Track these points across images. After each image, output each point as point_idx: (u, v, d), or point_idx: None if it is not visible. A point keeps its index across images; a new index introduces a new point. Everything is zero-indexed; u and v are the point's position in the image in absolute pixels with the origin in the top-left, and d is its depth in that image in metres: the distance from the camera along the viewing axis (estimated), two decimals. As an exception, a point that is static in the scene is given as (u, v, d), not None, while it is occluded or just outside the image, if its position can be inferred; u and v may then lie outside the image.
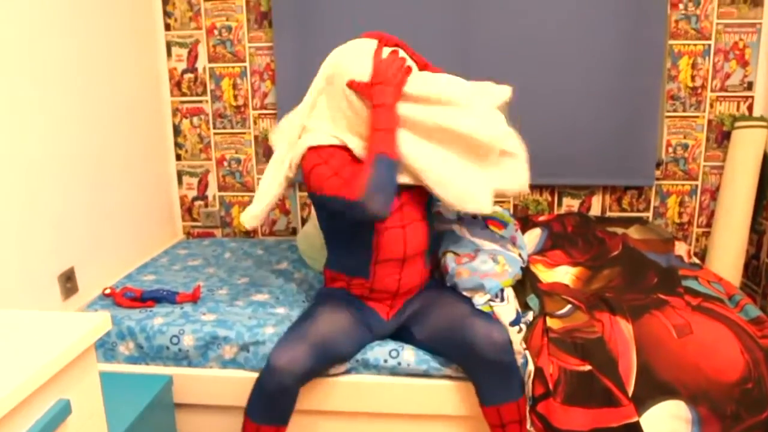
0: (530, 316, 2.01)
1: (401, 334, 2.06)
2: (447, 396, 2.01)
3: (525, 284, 2.20)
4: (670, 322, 1.92)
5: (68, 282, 2.28)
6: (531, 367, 1.87)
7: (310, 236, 2.73)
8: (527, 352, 1.90)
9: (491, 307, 2.00)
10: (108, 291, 2.34)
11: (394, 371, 2.02)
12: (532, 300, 2.09)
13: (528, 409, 1.88)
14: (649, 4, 2.70)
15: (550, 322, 1.97)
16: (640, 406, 1.82)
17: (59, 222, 2.24)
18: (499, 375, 1.83)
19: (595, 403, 1.82)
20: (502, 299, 2.02)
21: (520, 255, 2.31)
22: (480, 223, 2.38)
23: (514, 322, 1.95)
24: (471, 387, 1.97)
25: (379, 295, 2.02)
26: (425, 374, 2.01)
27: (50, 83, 2.19)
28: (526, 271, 2.29)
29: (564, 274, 2.35)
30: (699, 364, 1.84)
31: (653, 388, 1.83)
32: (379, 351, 2.02)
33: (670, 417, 1.81)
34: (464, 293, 2.04)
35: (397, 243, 1.95)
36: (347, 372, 2.04)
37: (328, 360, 1.90)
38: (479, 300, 2.00)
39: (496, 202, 2.96)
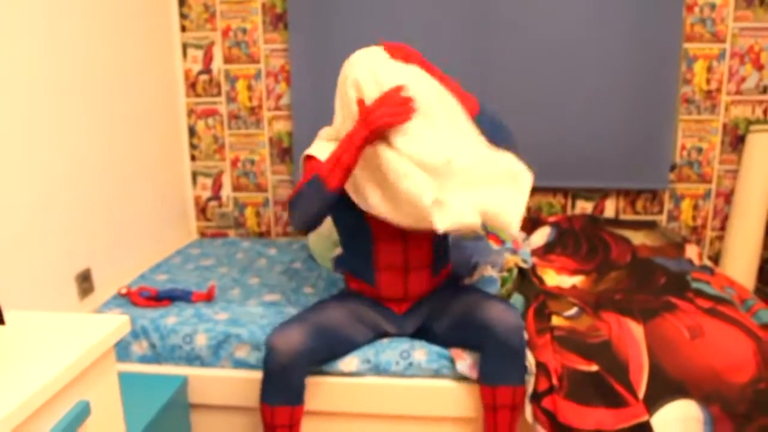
0: None
1: (422, 333, 2.08)
2: (457, 398, 2.01)
3: (521, 285, 2.23)
4: (682, 323, 1.93)
5: (85, 282, 2.30)
6: (531, 360, 1.90)
7: (322, 236, 2.74)
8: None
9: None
10: (124, 291, 2.36)
11: (406, 372, 2.02)
12: (516, 301, 2.13)
13: (526, 400, 1.89)
14: (664, 8, 2.69)
15: (556, 320, 1.98)
16: (652, 406, 1.82)
17: (75, 222, 2.26)
18: (504, 356, 1.84)
19: (601, 403, 1.83)
20: None
21: (524, 260, 2.35)
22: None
23: None
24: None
25: (388, 298, 2.05)
26: (436, 374, 2.02)
27: (66, 85, 2.21)
28: (527, 274, 2.31)
29: (571, 282, 2.35)
30: (711, 364, 1.84)
31: (665, 389, 1.83)
32: (390, 353, 2.03)
33: (683, 417, 1.81)
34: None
35: (396, 254, 1.98)
36: (358, 374, 2.05)
37: (329, 341, 1.92)
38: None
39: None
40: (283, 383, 1.82)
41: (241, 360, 2.10)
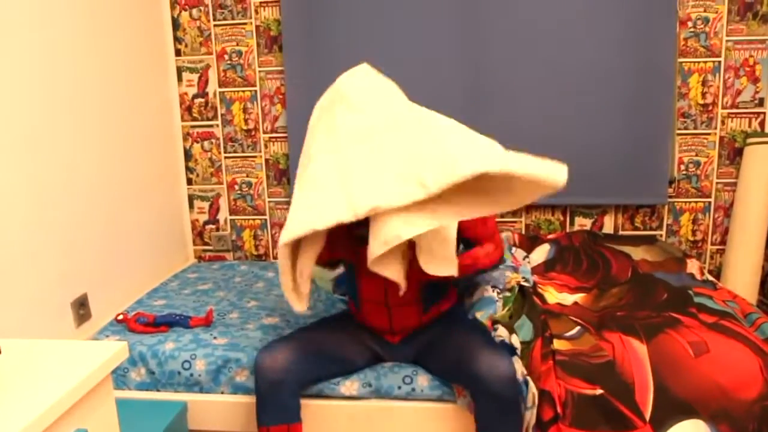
0: (515, 340, 1.98)
1: (419, 363, 2.03)
2: (461, 422, 1.98)
3: (523, 308, 2.19)
4: (686, 340, 1.90)
5: (81, 308, 2.28)
6: (534, 391, 1.84)
7: (322, 259, 2.73)
8: (528, 378, 1.86)
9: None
10: (120, 317, 2.33)
11: (408, 397, 1.99)
12: (524, 325, 2.07)
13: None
14: (657, 23, 2.71)
15: (558, 344, 1.95)
16: (659, 427, 1.79)
17: (72, 248, 2.24)
18: (499, 409, 1.77)
19: (607, 427, 1.79)
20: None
21: (525, 279, 2.33)
22: None
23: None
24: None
25: (376, 329, 2.02)
26: (439, 399, 1.98)
27: (61, 110, 2.20)
28: (529, 295, 2.28)
29: (572, 299, 2.33)
30: (717, 382, 1.81)
31: (672, 409, 1.80)
32: (392, 377, 2.00)
33: None
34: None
35: (377, 289, 1.93)
36: (359, 397, 2.02)
37: (320, 358, 1.90)
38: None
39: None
40: (275, 402, 1.81)
41: (241, 384, 2.07)
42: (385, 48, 2.81)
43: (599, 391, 1.81)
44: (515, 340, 1.97)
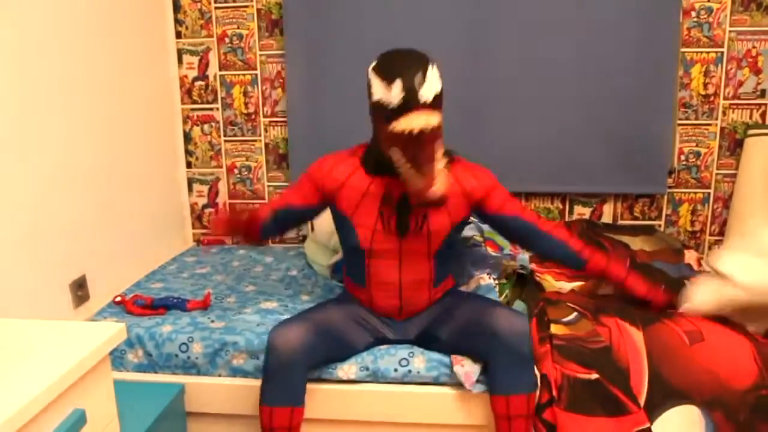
0: None
1: (424, 338, 2.04)
2: (457, 405, 1.99)
3: (521, 294, 2.21)
4: (681, 328, 1.91)
5: (80, 290, 2.28)
6: (536, 372, 1.87)
7: (319, 244, 2.73)
8: None
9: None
10: (118, 299, 2.33)
11: (405, 380, 2.01)
12: (518, 308, 2.10)
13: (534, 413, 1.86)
14: (661, 12, 2.69)
15: (555, 329, 1.96)
16: (653, 412, 1.80)
17: (71, 230, 2.24)
18: (515, 364, 1.80)
19: (602, 412, 1.81)
20: None
21: (522, 266, 2.34)
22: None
23: None
24: (481, 396, 1.95)
25: (384, 311, 2.04)
26: (435, 381, 2.00)
27: (60, 92, 2.19)
28: (526, 280, 2.29)
29: (569, 287, 2.34)
30: (712, 370, 1.83)
31: (666, 395, 1.82)
32: (389, 360, 2.01)
33: (684, 422, 1.80)
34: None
35: (389, 271, 1.96)
36: (356, 381, 2.03)
37: (329, 341, 1.90)
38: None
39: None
40: (283, 382, 1.79)
41: (238, 368, 2.08)
42: (386, 33, 2.80)
43: (595, 376, 1.82)
44: None
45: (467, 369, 1.92)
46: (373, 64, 1.76)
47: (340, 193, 1.93)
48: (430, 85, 1.68)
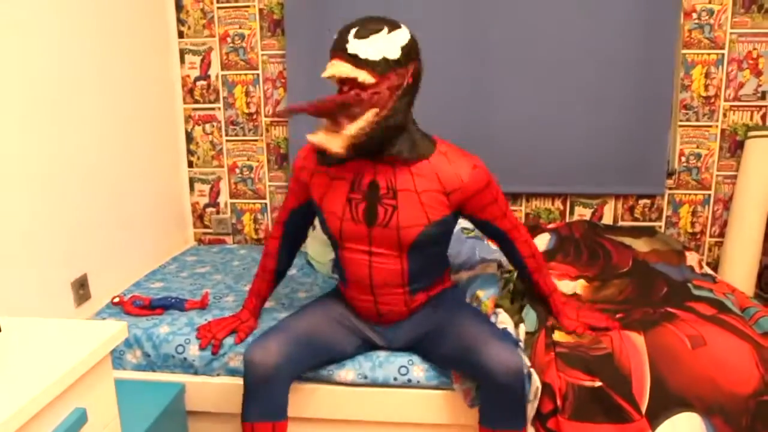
0: (522, 330, 1.99)
1: (414, 350, 2.01)
2: (457, 405, 1.99)
3: (524, 295, 2.20)
4: (683, 333, 1.90)
5: (81, 289, 2.28)
6: (537, 384, 1.84)
7: (320, 241, 2.73)
8: (532, 369, 1.86)
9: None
10: (116, 300, 2.33)
11: (404, 387, 2.00)
12: (528, 314, 2.08)
13: (528, 424, 1.83)
14: (662, 13, 2.70)
15: (558, 336, 1.95)
16: (654, 419, 1.80)
17: (72, 229, 2.24)
18: (506, 400, 1.73)
19: (605, 420, 1.80)
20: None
21: None
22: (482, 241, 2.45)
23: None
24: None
25: (363, 312, 1.96)
26: (437, 388, 1.99)
27: (62, 91, 2.20)
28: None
29: (572, 288, 2.33)
30: (713, 376, 1.82)
31: (667, 401, 1.81)
32: (388, 368, 1.99)
33: (685, 430, 1.79)
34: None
35: (360, 269, 1.87)
36: (354, 385, 2.02)
37: (313, 345, 1.85)
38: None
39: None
40: (263, 398, 1.75)
41: (236, 369, 2.07)
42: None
43: (598, 383, 1.81)
44: (521, 331, 1.98)
45: (466, 386, 1.90)
46: None
47: (311, 180, 1.89)
48: (373, 45, 1.60)
